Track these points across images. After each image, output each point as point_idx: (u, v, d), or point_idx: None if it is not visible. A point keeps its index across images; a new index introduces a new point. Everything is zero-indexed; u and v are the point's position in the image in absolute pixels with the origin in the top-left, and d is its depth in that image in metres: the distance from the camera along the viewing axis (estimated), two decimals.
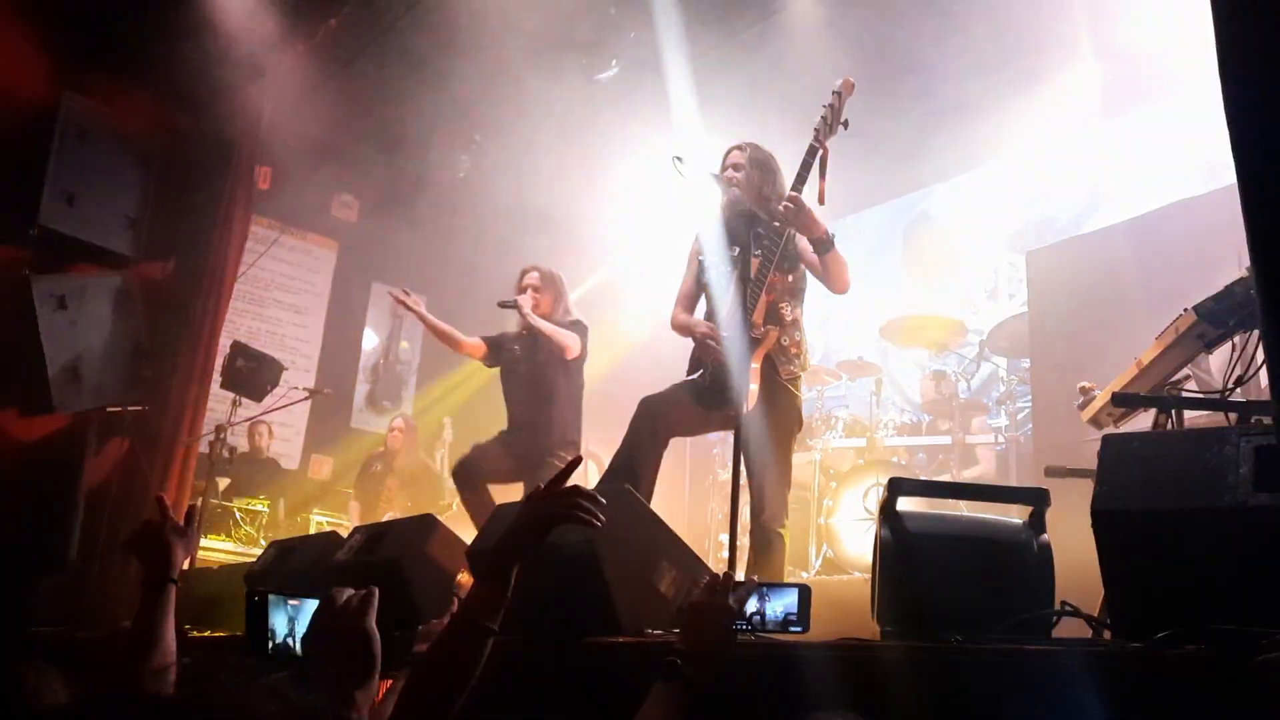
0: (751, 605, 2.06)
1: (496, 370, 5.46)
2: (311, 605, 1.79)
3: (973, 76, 7.13)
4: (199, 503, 5.65)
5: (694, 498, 7.96)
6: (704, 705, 1.77)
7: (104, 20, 5.61)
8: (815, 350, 4.12)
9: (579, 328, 5.20)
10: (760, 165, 3.97)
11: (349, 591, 1.69)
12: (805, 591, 2.09)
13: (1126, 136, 7.22)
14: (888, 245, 8.80)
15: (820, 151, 3.64)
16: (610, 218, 8.57)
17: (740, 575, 2.20)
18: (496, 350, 5.41)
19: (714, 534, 7.02)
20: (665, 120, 6.53)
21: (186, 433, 5.82)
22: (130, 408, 5.74)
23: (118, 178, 5.85)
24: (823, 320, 8.70)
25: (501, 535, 1.77)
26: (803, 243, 3.85)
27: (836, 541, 6.01)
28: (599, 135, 7.63)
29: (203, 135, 6.14)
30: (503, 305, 5.38)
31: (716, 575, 2.02)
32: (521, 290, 5.30)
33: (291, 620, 1.87)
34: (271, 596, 1.84)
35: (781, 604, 2.09)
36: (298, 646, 1.85)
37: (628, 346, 8.78)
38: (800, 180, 3.66)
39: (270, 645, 1.84)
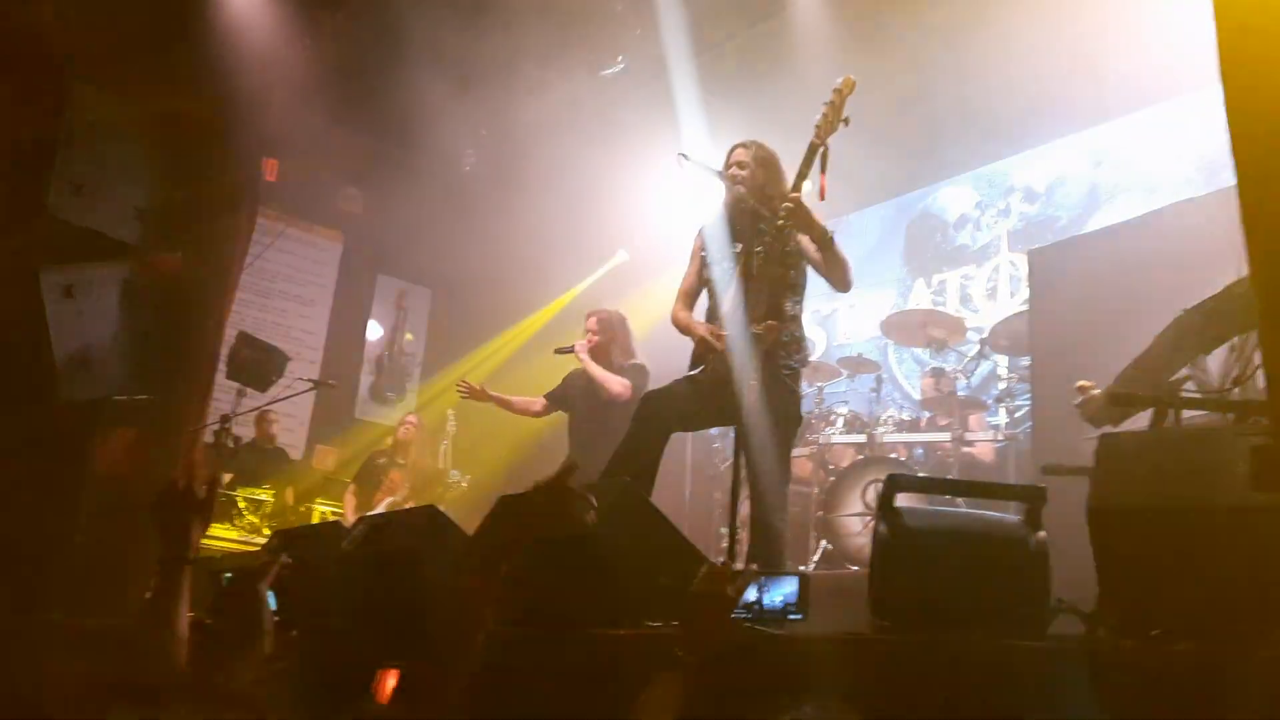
0: (750, 594, 2.08)
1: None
2: None
3: (975, 74, 7.15)
4: (220, 476, 5.70)
5: (695, 492, 7.99)
6: (703, 694, 1.80)
7: (114, 10, 5.63)
8: (816, 347, 4.16)
9: (634, 371, 5.41)
10: (765, 163, 4.00)
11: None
12: (804, 579, 2.12)
13: (1128, 137, 7.23)
14: (890, 243, 8.82)
15: (821, 148, 3.67)
16: (615, 212, 8.59)
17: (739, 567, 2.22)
18: (559, 401, 5.75)
19: (715, 528, 7.05)
20: (671, 116, 6.55)
21: (193, 422, 5.85)
22: (137, 397, 5.77)
23: (126, 168, 5.85)
24: (824, 317, 8.73)
25: (490, 531, 1.79)
26: (805, 239, 3.88)
27: (835, 536, 6.04)
28: (605, 131, 7.65)
29: (211, 127, 6.16)
30: (559, 352, 5.73)
31: (716, 565, 2.05)
32: (584, 335, 5.63)
33: None
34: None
35: (780, 593, 2.12)
36: None
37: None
38: (801, 177, 3.68)
39: None
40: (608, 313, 5.74)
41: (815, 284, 4.05)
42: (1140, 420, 3.18)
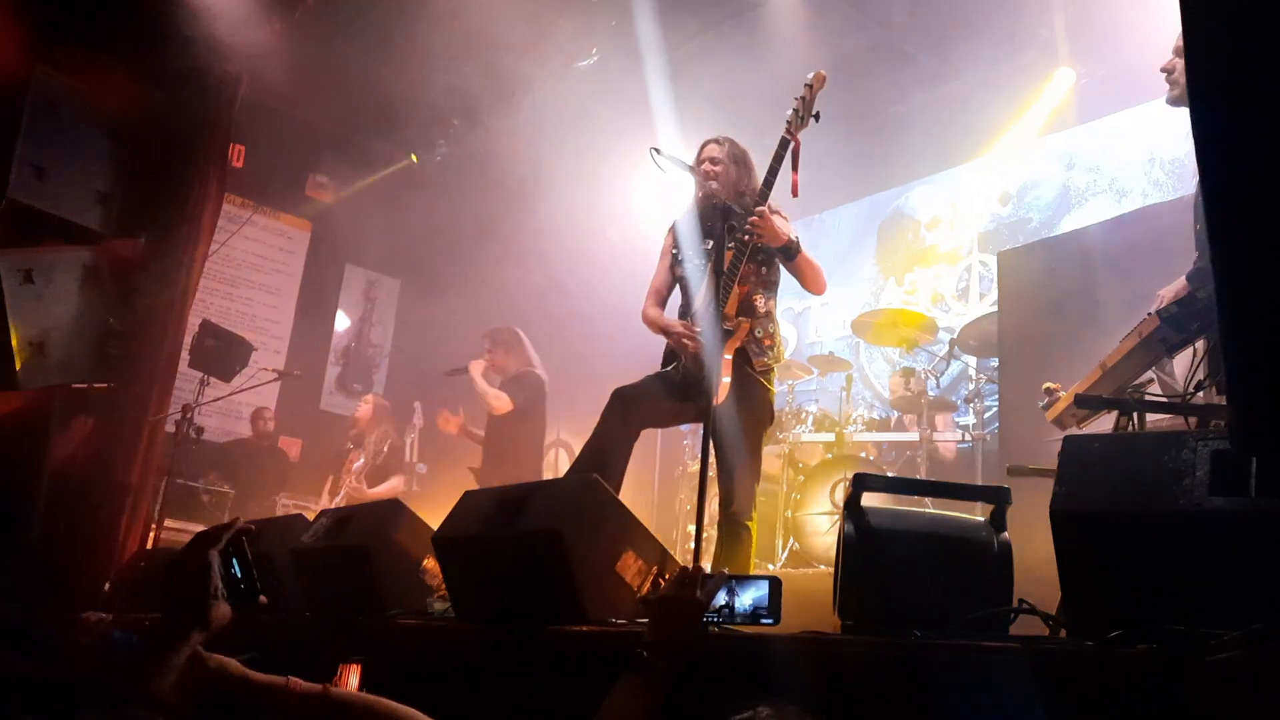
0: (720, 598, 2.06)
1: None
2: None
3: (950, 75, 7.19)
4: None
5: (663, 488, 7.98)
6: (670, 698, 1.78)
7: None
8: (788, 344, 4.16)
9: (514, 383, 6.01)
10: (738, 161, 3.98)
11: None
12: (776, 584, 2.10)
13: (1100, 139, 7.30)
14: (862, 242, 8.85)
15: (792, 144, 3.66)
16: (587, 205, 8.56)
17: (707, 567, 2.20)
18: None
19: (682, 524, 7.05)
20: (644, 109, 6.53)
21: (153, 411, 5.77)
22: (97, 385, 5.68)
23: (89, 152, 5.77)
24: (796, 315, 8.75)
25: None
26: None
27: (803, 535, 6.05)
28: (579, 123, 7.61)
29: (177, 111, 6.07)
30: (450, 374, 6.25)
31: (686, 568, 2.03)
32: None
33: None
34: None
35: (750, 596, 2.10)
36: None
37: (600, 334, 8.78)
38: (773, 173, 3.67)
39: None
40: (499, 329, 6.28)
41: (788, 281, 4.04)
42: (1105, 422, 3.20)
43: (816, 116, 3.68)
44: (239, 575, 1.62)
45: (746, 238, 3.68)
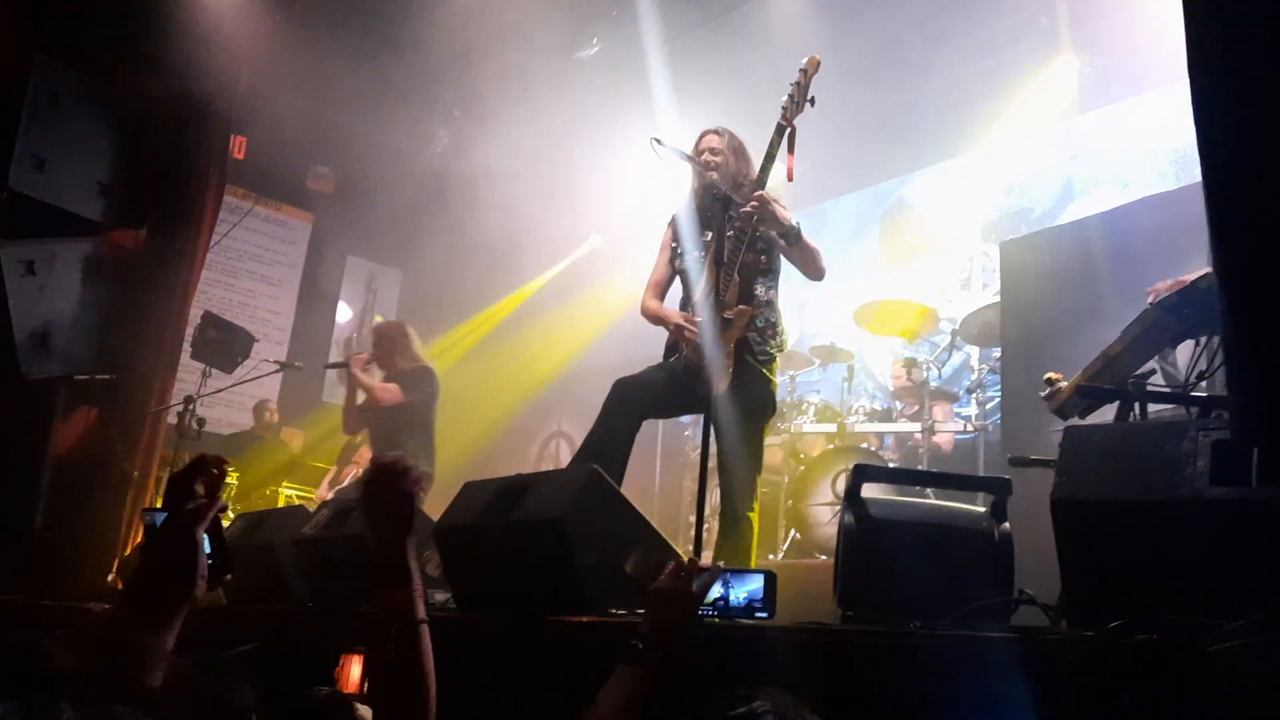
0: (715, 591, 2.06)
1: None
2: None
3: (952, 65, 7.16)
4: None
5: (665, 479, 7.99)
6: (665, 689, 1.78)
7: None
8: (790, 335, 4.15)
9: (408, 376, 5.92)
10: (737, 152, 3.97)
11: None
12: (770, 578, 2.09)
13: (1102, 129, 7.28)
14: (864, 232, 8.84)
15: (788, 129, 3.65)
16: (588, 195, 8.55)
17: (709, 558, 2.21)
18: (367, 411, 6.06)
19: (684, 515, 7.05)
20: (645, 98, 6.51)
21: (155, 403, 5.77)
22: (99, 376, 5.68)
23: (90, 143, 5.76)
24: (798, 306, 8.73)
25: (376, 537, 1.75)
26: None
27: (805, 525, 6.05)
28: (579, 112, 7.60)
29: (178, 102, 6.05)
30: (329, 368, 5.99)
31: (682, 561, 2.03)
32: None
33: None
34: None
35: (745, 590, 2.09)
36: None
37: (602, 325, 8.79)
38: (769, 159, 3.66)
39: None
40: (385, 324, 6.25)
41: (789, 271, 4.03)
42: (1107, 413, 3.19)
43: (812, 101, 3.67)
44: (211, 551, 1.63)
45: (747, 210, 3.66)
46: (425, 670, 1.68)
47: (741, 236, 3.70)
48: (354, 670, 2.69)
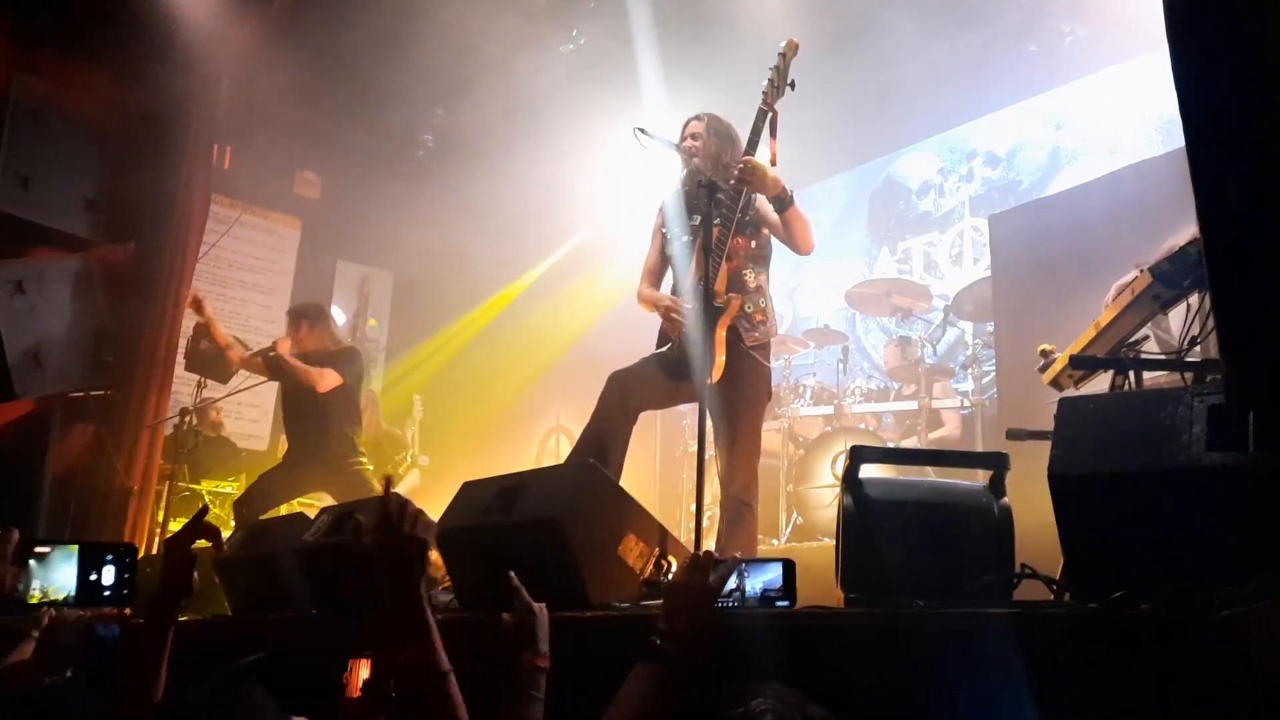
0: (731, 583, 2.03)
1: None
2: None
3: (937, 40, 7.13)
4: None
5: (665, 469, 7.99)
6: (685, 685, 1.75)
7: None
8: (783, 319, 4.14)
9: (339, 357, 5.73)
10: (719, 134, 3.95)
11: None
12: (789, 565, 2.06)
13: (1087, 99, 7.26)
14: (853, 213, 8.82)
15: (769, 114, 3.64)
16: (577, 188, 8.53)
17: (710, 547, 2.19)
18: (275, 370, 5.79)
19: (685, 505, 7.06)
20: (629, 90, 6.49)
21: (151, 416, 5.76)
22: (93, 392, 5.67)
23: (74, 159, 5.74)
24: (790, 290, 8.72)
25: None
26: (764, 206, 3.83)
27: (806, 508, 6.06)
28: (563, 106, 7.57)
29: (160, 114, 6.03)
30: (261, 353, 5.90)
31: (697, 554, 2.00)
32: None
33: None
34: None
35: (762, 580, 2.06)
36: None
37: (596, 316, 8.78)
38: (752, 144, 3.65)
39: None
40: (306, 304, 6.10)
41: (780, 255, 4.02)
42: (1102, 382, 3.19)
43: (792, 85, 3.65)
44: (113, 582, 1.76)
45: (733, 183, 3.65)
46: None
47: (729, 221, 3.68)
48: (362, 674, 2.68)
